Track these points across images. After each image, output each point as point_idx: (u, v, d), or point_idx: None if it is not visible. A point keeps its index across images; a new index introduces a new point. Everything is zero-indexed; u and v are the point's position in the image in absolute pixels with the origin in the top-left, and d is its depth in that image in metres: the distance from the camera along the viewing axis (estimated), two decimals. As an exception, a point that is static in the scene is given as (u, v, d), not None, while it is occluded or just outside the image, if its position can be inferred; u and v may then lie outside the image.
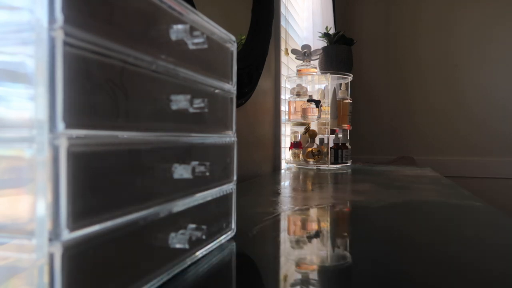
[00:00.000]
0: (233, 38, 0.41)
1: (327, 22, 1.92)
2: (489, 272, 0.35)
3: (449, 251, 0.41)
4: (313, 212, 0.64)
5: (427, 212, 0.65)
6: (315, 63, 1.53)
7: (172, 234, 0.30)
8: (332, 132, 1.46)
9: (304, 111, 1.42)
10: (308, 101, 1.41)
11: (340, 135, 1.47)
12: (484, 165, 2.35)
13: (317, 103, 1.40)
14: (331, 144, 1.45)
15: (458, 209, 0.68)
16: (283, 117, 1.52)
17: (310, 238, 0.47)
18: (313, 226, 0.54)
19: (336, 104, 1.45)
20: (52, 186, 0.20)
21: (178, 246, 0.30)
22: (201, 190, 0.35)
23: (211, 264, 0.35)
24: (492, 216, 0.61)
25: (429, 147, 2.45)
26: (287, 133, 1.58)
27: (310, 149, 1.42)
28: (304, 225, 0.54)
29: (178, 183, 0.31)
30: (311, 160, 1.42)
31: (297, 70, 1.48)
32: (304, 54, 1.44)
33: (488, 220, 0.60)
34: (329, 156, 1.42)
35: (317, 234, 0.49)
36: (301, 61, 1.47)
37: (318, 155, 1.41)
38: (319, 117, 1.42)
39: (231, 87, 0.41)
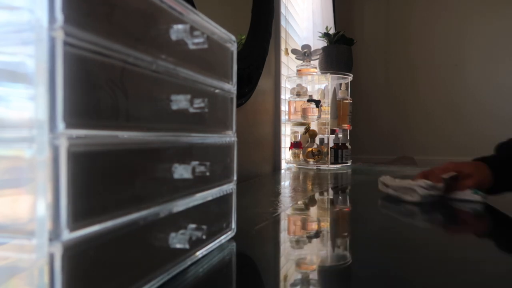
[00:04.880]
0: (233, 38, 0.41)
1: (327, 22, 1.92)
2: (487, 272, 0.35)
3: (449, 252, 0.41)
4: (313, 212, 0.64)
5: (427, 211, 0.65)
6: (315, 63, 1.53)
7: (172, 234, 0.30)
8: (332, 132, 1.46)
9: (304, 111, 1.42)
10: (308, 101, 1.40)
11: (340, 135, 1.47)
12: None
13: (317, 103, 1.40)
14: (331, 144, 1.45)
15: (458, 208, 0.68)
16: (283, 117, 1.51)
17: (310, 238, 0.47)
18: (313, 226, 0.54)
19: (336, 104, 1.45)
20: (52, 186, 0.20)
21: (178, 246, 0.30)
22: (201, 190, 0.35)
23: (211, 264, 0.34)
24: (491, 215, 0.61)
25: (429, 147, 2.45)
26: (287, 133, 1.58)
27: (310, 149, 1.42)
28: (303, 225, 0.54)
29: (178, 183, 0.31)
30: (311, 160, 1.42)
31: (297, 70, 1.48)
32: (304, 54, 1.44)
33: (487, 220, 0.60)
34: (329, 156, 1.42)
35: (317, 234, 0.49)
36: (301, 61, 1.47)
37: (318, 155, 1.41)
38: (319, 117, 1.42)
39: (231, 87, 0.41)
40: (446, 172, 0.71)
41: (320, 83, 1.55)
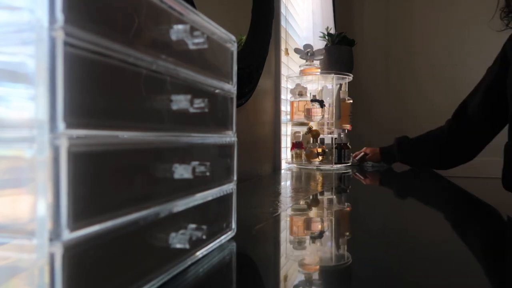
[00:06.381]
0: (233, 38, 0.41)
1: (327, 22, 1.92)
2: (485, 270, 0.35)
3: (447, 250, 0.41)
4: (314, 212, 0.64)
5: (427, 210, 0.65)
6: (316, 63, 1.53)
7: (173, 234, 0.30)
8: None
9: (308, 111, 1.42)
10: (312, 101, 1.40)
11: (341, 135, 1.47)
12: (484, 164, 2.35)
13: (321, 103, 1.40)
14: (334, 145, 1.45)
15: (456, 208, 0.68)
16: (284, 117, 1.51)
17: (310, 238, 0.47)
18: (313, 226, 0.54)
19: (340, 104, 1.45)
20: (52, 186, 0.20)
21: (178, 246, 0.30)
22: (201, 190, 0.35)
23: (211, 264, 0.35)
24: (490, 214, 0.61)
25: (429, 147, 2.44)
26: (288, 133, 1.58)
27: (314, 149, 1.41)
28: (304, 225, 0.54)
29: (178, 183, 0.31)
30: (316, 160, 1.41)
31: (300, 70, 1.48)
32: (307, 53, 1.44)
33: (486, 219, 0.60)
34: (333, 156, 1.42)
35: (317, 234, 0.49)
36: (304, 61, 1.47)
37: (322, 155, 1.41)
38: (323, 117, 1.42)
39: (231, 87, 0.41)
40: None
41: (320, 83, 1.55)
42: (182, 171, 0.30)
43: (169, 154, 0.30)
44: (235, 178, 0.42)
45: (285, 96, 1.55)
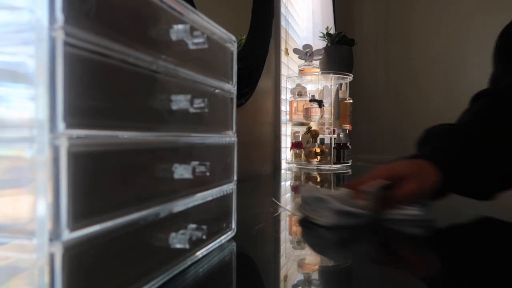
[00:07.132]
0: (233, 38, 0.41)
1: (327, 22, 1.92)
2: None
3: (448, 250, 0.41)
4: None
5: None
6: (316, 63, 1.53)
7: (173, 234, 0.30)
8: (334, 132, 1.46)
9: (307, 111, 1.42)
10: (311, 101, 1.40)
11: (341, 135, 1.47)
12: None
13: (320, 103, 1.40)
14: (333, 144, 1.45)
15: (456, 207, 0.68)
16: (284, 117, 1.51)
17: (310, 238, 0.47)
18: (313, 226, 0.54)
19: (339, 104, 1.45)
20: (52, 186, 0.20)
21: (178, 246, 0.30)
22: (201, 190, 0.35)
23: (211, 264, 0.35)
24: (489, 214, 0.61)
25: (429, 147, 2.44)
26: (288, 133, 1.58)
27: (313, 149, 1.41)
28: (304, 225, 0.54)
29: (178, 183, 0.31)
30: (314, 160, 1.41)
31: (300, 70, 1.48)
32: (306, 53, 1.44)
33: (485, 218, 0.60)
34: (331, 156, 1.42)
35: (317, 234, 0.49)
36: (303, 61, 1.47)
37: (320, 155, 1.41)
38: (321, 117, 1.42)
39: (231, 87, 0.41)
40: (376, 180, 0.50)
41: (320, 83, 1.55)
42: (182, 171, 0.30)
43: (169, 154, 0.30)
44: (235, 178, 0.42)
45: (285, 96, 1.55)
